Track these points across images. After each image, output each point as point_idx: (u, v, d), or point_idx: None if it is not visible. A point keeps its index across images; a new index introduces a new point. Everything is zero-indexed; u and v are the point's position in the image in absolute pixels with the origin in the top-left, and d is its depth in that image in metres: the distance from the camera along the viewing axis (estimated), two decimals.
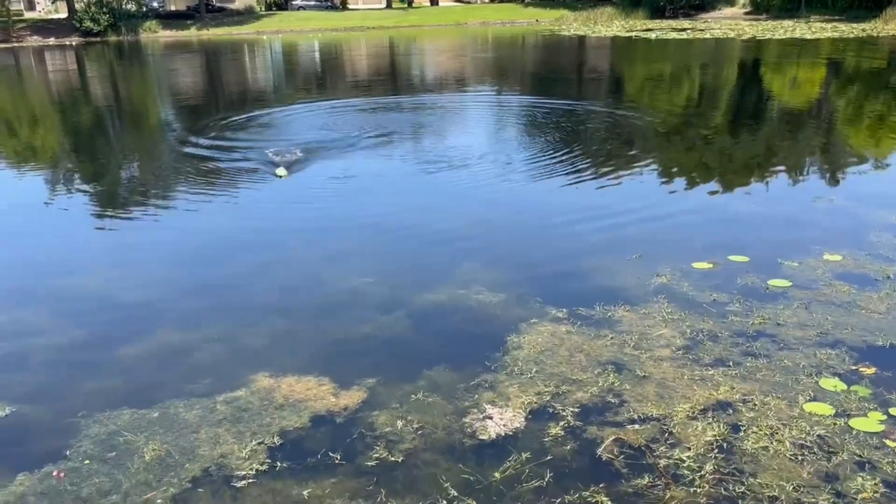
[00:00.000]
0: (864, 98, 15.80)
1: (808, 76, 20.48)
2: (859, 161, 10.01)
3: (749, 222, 7.11)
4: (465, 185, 8.74)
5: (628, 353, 4.46)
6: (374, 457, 3.59)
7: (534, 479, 3.38)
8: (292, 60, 33.55)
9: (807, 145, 10.97)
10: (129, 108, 18.58)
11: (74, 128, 15.53)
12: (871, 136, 11.85)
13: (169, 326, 5.14)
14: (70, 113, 17.93)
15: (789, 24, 37.58)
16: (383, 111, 15.13)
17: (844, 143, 11.27)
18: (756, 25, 38.93)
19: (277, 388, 4.23)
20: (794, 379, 4.10)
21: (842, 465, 3.38)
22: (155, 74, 27.91)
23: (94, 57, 36.86)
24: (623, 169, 9.23)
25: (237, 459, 3.60)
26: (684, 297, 5.25)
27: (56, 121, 16.59)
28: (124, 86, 24.21)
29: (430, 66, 27.77)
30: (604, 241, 6.68)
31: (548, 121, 13.13)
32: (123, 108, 18.41)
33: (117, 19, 48.36)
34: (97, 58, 36.46)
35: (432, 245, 6.72)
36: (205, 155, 10.88)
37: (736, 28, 37.39)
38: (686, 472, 3.37)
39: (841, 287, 5.28)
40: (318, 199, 8.23)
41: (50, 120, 16.77)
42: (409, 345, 4.84)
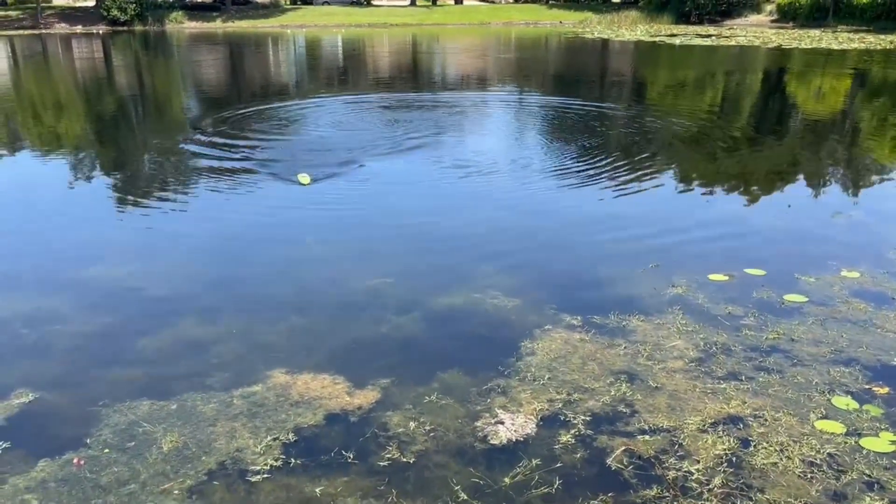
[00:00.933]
0: (889, 111, 15.65)
1: (833, 87, 20.30)
2: (882, 176, 9.93)
3: (767, 235, 7.10)
4: (484, 188, 8.78)
5: (641, 364, 4.49)
6: (386, 457, 3.65)
7: (543, 485, 3.42)
8: (315, 55, 33.72)
9: (829, 158, 10.90)
10: (153, 99, 18.78)
11: (99, 116, 15.74)
12: (894, 150, 11.74)
13: (189, 319, 5.23)
14: (95, 101, 18.16)
15: (816, 34, 37.22)
16: (404, 110, 15.19)
17: (867, 157, 11.19)
18: (782, 34, 38.60)
19: (293, 384, 4.30)
20: (807, 396, 4.11)
21: (851, 484, 3.39)
22: (180, 65, 28.17)
23: (121, 46, 37.27)
24: (643, 177, 9.22)
25: (252, 454, 3.67)
26: (699, 308, 5.27)
27: (80, 109, 16.81)
28: (149, 76, 24.47)
29: (453, 66, 27.81)
30: (621, 249, 6.70)
31: (568, 125, 13.14)
32: (148, 98, 18.62)
33: (144, 9, 48.86)
34: (123, 47, 36.86)
35: (450, 248, 6.77)
36: (228, 149, 11.00)
37: (762, 36, 37.09)
38: (694, 485, 3.40)
39: (857, 304, 5.28)
40: (339, 199, 8.29)
41: (75, 108, 17.00)
42: (423, 347, 4.90)
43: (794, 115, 15.33)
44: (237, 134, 12.16)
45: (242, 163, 10.08)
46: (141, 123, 14.56)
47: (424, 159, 10.46)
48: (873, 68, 23.76)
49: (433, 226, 7.42)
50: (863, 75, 22.29)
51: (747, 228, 7.41)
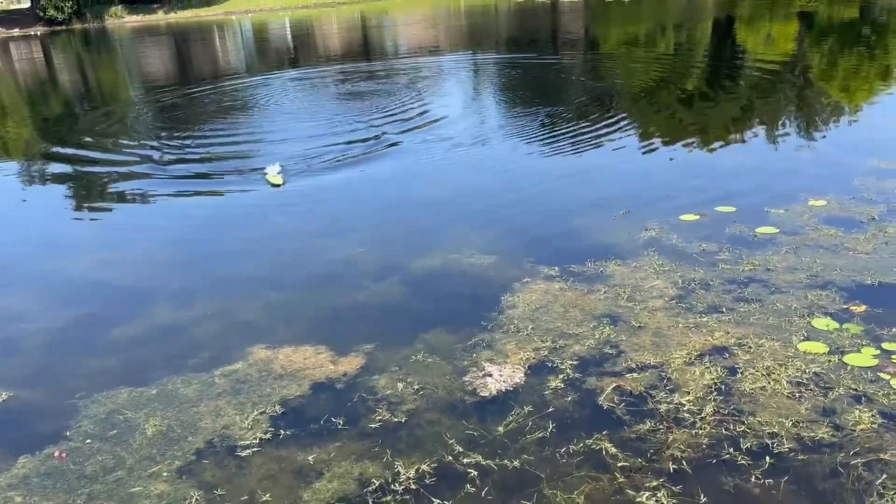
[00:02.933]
0: (837, 50, 15.86)
1: (781, 31, 20.50)
2: (837, 111, 10.07)
3: (734, 174, 7.15)
4: (449, 151, 8.68)
5: (622, 306, 4.49)
6: (376, 419, 3.60)
7: (537, 430, 3.40)
8: (264, 39, 33.06)
9: (785, 98, 11.01)
10: (99, 95, 18.25)
11: (44, 117, 15.24)
12: (846, 86, 11.91)
13: (162, 305, 5.10)
14: (39, 103, 17.59)
15: None
16: (360, 81, 14.96)
17: (822, 95, 11.33)
18: None
19: (275, 358, 4.22)
20: (787, 321, 4.15)
21: (839, 399, 3.43)
22: (123, 60, 27.40)
23: (60, 46, 36.16)
24: (604, 130, 9.20)
25: (240, 430, 3.60)
26: (674, 248, 5.28)
27: (25, 112, 16.27)
28: (93, 73, 23.77)
29: (405, 37, 27.48)
30: (591, 199, 6.70)
31: (525, 85, 13.07)
32: (93, 96, 18.09)
33: (81, 6, 47.43)
34: (63, 47, 35.76)
35: (421, 212, 6.70)
36: (177, 138, 10.73)
37: None
38: (686, 415, 3.42)
39: (827, 231, 5.34)
40: (304, 173, 8.13)
41: (19, 111, 16.45)
42: (404, 310, 4.84)
43: (747, 61, 15.44)
44: (192, 126, 11.86)
45: (200, 149, 9.84)
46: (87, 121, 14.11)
47: (382, 127, 10.27)
48: (818, 10, 24.04)
49: (402, 192, 7.33)
50: (810, 17, 22.55)
51: (714, 170, 7.46)
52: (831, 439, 3.18)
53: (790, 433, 3.23)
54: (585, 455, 3.22)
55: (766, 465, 3.05)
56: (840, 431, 3.22)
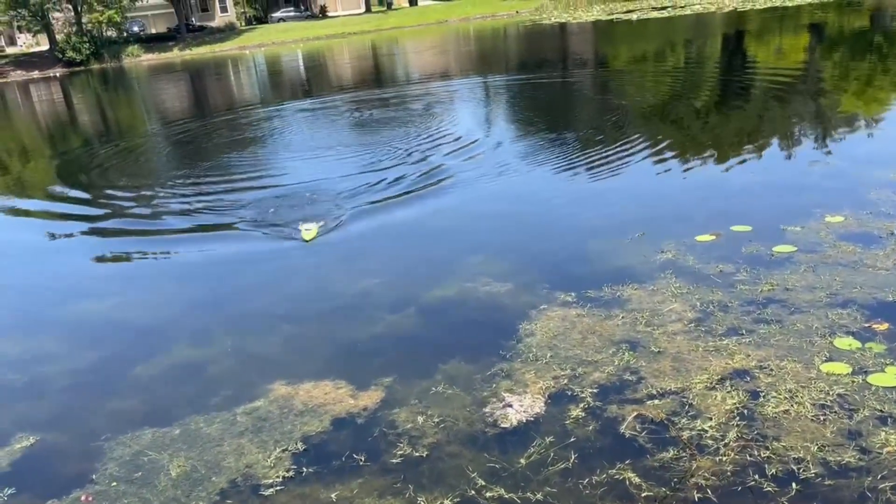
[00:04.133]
0: (849, 60, 15.81)
1: (791, 44, 20.49)
2: (851, 123, 10.01)
3: (748, 192, 7.12)
4: (461, 177, 8.72)
5: (641, 331, 4.48)
6: (398, 454, 3.60)
7: (559, 461, 3.39)
8: (277, 72, 33.53)
9: (798, 112, 10.98)
10: (117, 134, 18.56)
11: (64, 158, 15.51)
12: (859, 97, 11.86)
13: (181, 344, 5.15)
14: (60, 143, 17.92)
15: None
16: (370, 108, 15.12)
17: (834, 107, 11.28)
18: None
19: (295, 395, 4.24)
20: (809, 341, 4.11)
21: (864, 421, 3.39)
22: (141, 98, 27.90)
23: (79, 86, 36.88)
24: (616, 150, 9.22)
25: (263, 468, 3.61)
26: (691, 270, 5.26)
27: (46, 152, 16.57)
28: (111, 112, 24.22)
29: (416, 64, 27.77)
30: (605, 222, 6.70)
31: (537, 106, 13.14)
32: (112, 135, 18.40)
33: (99, 47, 48.45)
34: (82, 87, 36.48)
35: (435, 241, 6.74)
36: (198, 175, 10.88)
37: (716, 2, 37.31)
38: (710, 441, 3.39)
39: (846, 247, 5.29)
40: (315, 204, 8.20)
41: (41, 152, 16.76)
42: (422, 341, 4.85)
43: (758, 75, 15.42)
44: (205, 162, 12.03)
45: (214, 186, 9.96)
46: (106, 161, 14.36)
47: (395, 153, 10.34)
48: (828, 21, 24.01)
49: (415, 222, 7.36)
50: (819, 29, 22.51)
51: (728, 188, 7.43)
52: (858, 463, 3.13)
53: (816, 458, 3.19)
54: (609, 485, 3.20)
55: (792, 492, 3.02)
56: (867, 454, 3.18)
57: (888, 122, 9.72)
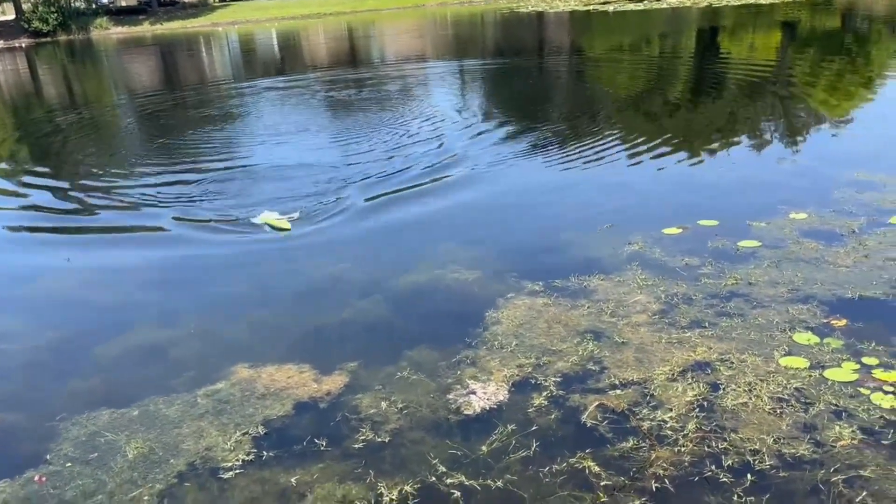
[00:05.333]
0: (819, 59, 16.03)
1: (764, 41, 20.72)
2: (818, 122, 10.17)
3: (716, 187, 7.21)
4: (429, 165, 8.68)
5: (606, 321, 4.51)
6: (360, 439, 3.59)
7: (521, 449, 3.40)
8: (251, 50, 33.04)
9: (768, 109, 11.11)
10: (85, 109, 18.15)
11: (29, 131, 15.13)
12: (828, 96, 12.04)
13: (144, 325, 5.08)
14: (23, 116, 17.47)
15: None
16: (345, 91, 14.98)
17: (803, 105, 11.44)
18: None
19: (258, 378, 4.20)
20: (769, 335, 4.17)
21: (819, 415, 3.46)
22: (110, 73, 27.31)
23: (46, 58, 35.96)
24: (589, 141, 9.25)
25: (222, 451, 3.57)
26: (657, 262, 5.31)
27: (8, 124, 16.15)
28: (78, 86, 23.67)
29: (390, 47, 27.55)
30: (575, 213, 6.73)
31: (512, 96, 13.12)
32: (80, 109, 17.99)
33: (66, 18, 47.21)
34: (48, 59, 35.57)
35: (405, 228, 6.69)
36: (167, 151, 10.70)
37: None
38: (669, 432, 3.43)
39: (808, 244, 5.38)
40: (287, 186, 8.11)
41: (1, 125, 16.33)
42: (388, 327, 4.83)
43: (730, 71, 15.56)
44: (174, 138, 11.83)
45: (185, 162, 9.80)
46: (73, 136, 14.03)
47: (366, 138, 10.27)
48: (801, 19, 24.31)
49: (385, 208, 7.31)
50: (791, 27, 22.79)
51: (697, 182, 7.51)
52: (812, 456, 3.19)
53: (772, 450, 3.25)
54: (569, 474, 3.23)
55: (747, 483, 3.07)
56: (821, 448, 3.24)
57: (854, 123, 9.88)
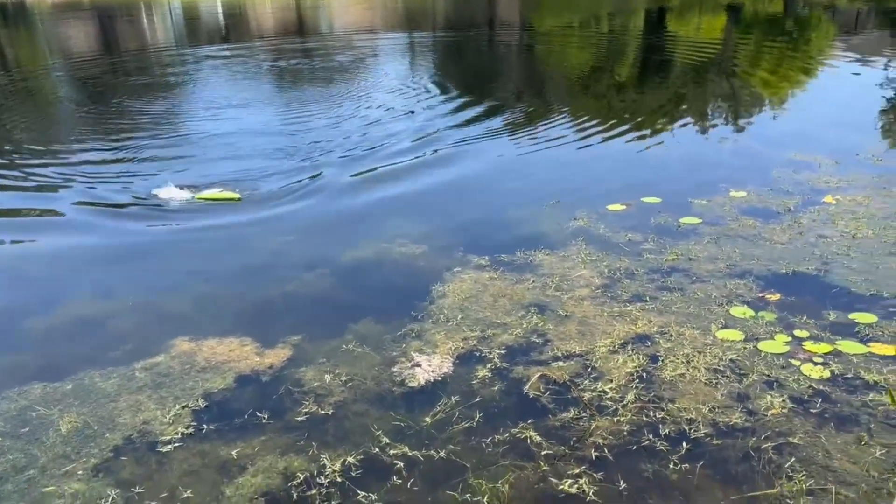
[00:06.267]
0: (761, 42, 16.40)
1: (710, 23, 21.08)
2: (759, 103, 10.43)
3: (660, 165, 7.33)
4: (376, 139, 8.61)
5: (550, 295, 4.56)
6: (303, 412, 3.56)
7: (464, 420, 3.43)
8: (194, 18, 32.06)
9: (712, 90, 11.34)
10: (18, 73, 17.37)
11: None
12: (769, 79, 12.34)
13: (80, 298, 4.92)
14: None
15: None
16: (293, 62, 14.69)
17: (746, 87, 11.70)
18: None
19: (199, 351, 4.12)
20: (707, 309, 4.28)
21: (752, 385, 3.57)
22: (45, 38, 26.16)
23: None
24: (537, 119, 9.31)
25: (161, 425, 3.50)
26: (601, 238, 5.38)
27: None
28: (11, 51, 22.60)
29: (340, 18, 27.09)
30: (521, 189, 6.76)
31: (461, 71, 13.07)
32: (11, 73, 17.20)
33: None
34: None
35: (352, 202, 6.63)
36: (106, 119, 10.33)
37: None
38: (609, 402, 3.50)
39: (746, 221, 5.53)
40: (233, 158, 7.94)
41: None
42: (334, 300, 4.79)
43: (677, 52, 15.80)
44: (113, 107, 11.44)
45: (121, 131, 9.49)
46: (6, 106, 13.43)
47: (317, 112, 10.13)
48: (745, 3, 24.79)
49: (333, 182, 7.22)
50: (736, 10, 23.23)
51: (641, 161, 7.62)
52: (745, 424, 3.30)
53: (706, 419, 3.34)
54: (511, 444, 3.26)
55: (683, 451, 3.15)
56: (753, 416, 3.35)
57: (793, 104, 10.18)
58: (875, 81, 11.43)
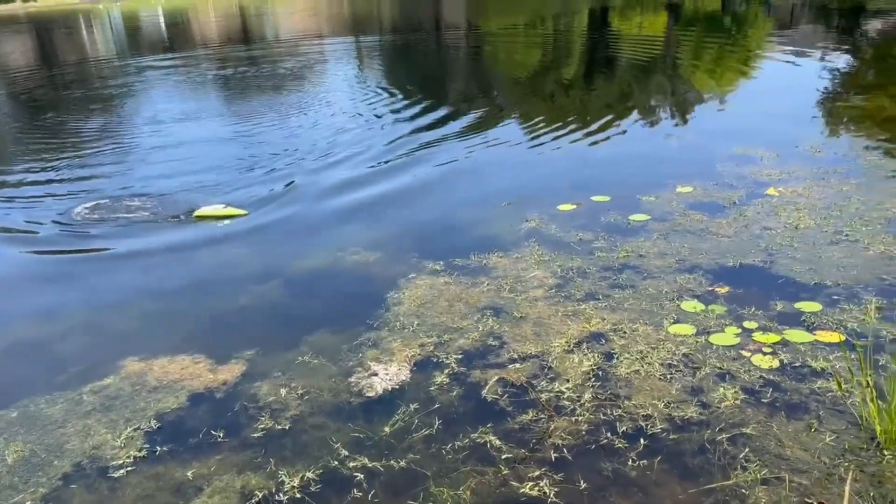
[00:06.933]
0: (702, 39, 16.78)
1: (652, 22, 21.48)
2: (702, 99, 10.66)
3: (608, 163, 7.43)
4: (325, 145, 8.54)
5: (505, 297, 4.57)
6: (259, 428, 3.49)
7: (423, 428, 3.41)
8: (135, 28, 31.38)
9: (656, 87, 11.55)
10: None
11: None
12: (711, 75, 12.63)
13: (20, 321, 4.76)
14: None
15: None
16: (237, 70, 14.48)
17: (689, 83, 11.95)
18: None
19: (149, 370, 4.02)
20: (658, 304, 4.35)
21: (705, 378, 3.63)
22: None
23: None
24: (486, 121, 9.35)
25: (112, 449, 3.40)
26: (553, 238, 5.43)
27: None
28: None
29: (284, 25, 26.82)
30: (473, 192, 6.78)
31: (410, 75, 13.05)
32: None
33: None
34: None
35: (302, 213, 6.54)
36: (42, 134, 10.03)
37: None
38: (567, 402, 3.52)
39: (694, 216, 5.64)
40: (176, 173, 7.78)
41: None
42: (287, 312, 4.73)
43: (621, 50, 16.06)
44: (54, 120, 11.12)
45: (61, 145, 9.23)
46: None
47: (265, 122, 10.01)
48: (684, 1, 25.34)
49: (282, 191, 7.13)
50: (676, 8, 23.73)
51: (590, 159, 7.71)
52: (699, 417, 3.35)
53: (662, 414, 3.39)
54: (471, 449, 3.26)
55: (641, 447, 3.19)
56: (707, 409, 3.40)
57: (735, 99, 10.43)
58: (811, 74, 11.79)
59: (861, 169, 6.58)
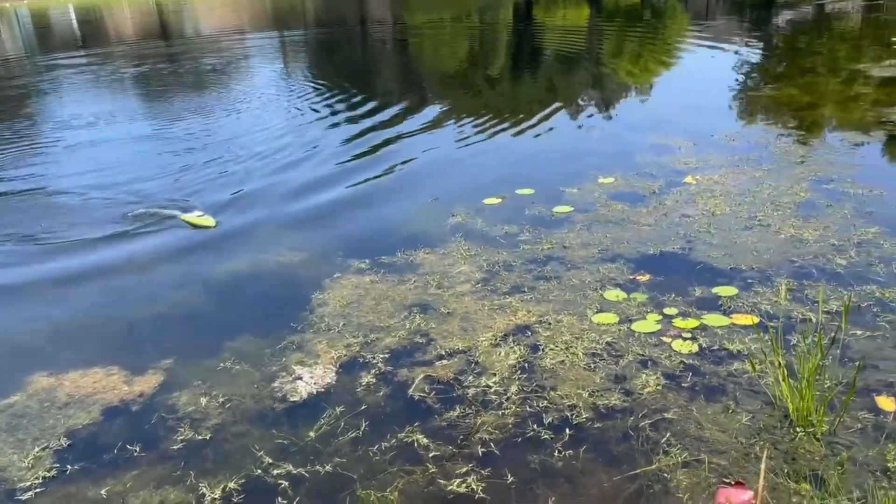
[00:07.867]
0: (624, 33, 17.13)
1: (574, 15, 21.82)
2: (624, 91, 10.89)
3: (532, 157, 7.50)
4: (247, 146, 8.35)
5: (432, 293, 4.54)
6: (178, 440, 3.36)
7: (350, 430, 3.35)
8: (45, 26, 30.01)
9: (579, 80, 11.72)
10: None
11: None
12: (631, 67, 12.91)
13: None
14: None
15: None
16: (155, 68, 14.01)
17: (611, 76, 12.18)
18: None
19: (59, 386, 3.82)
20: (582, 294, 4.40)
21: (628, 365, 3.69)
22: None
23: None
24: (412, 117, 9.30)
25: (18, 470, 3.22)
26: (479, 232, 5.43)
27: None
28: None
29: (205, 21, 26.10)
30: (399, 189, 6.73)
31: (336, 71, 12.89)
32: None
33: None
34: None
35: (224, 215, 6.36)
36: None
37: None
38: (493, 396, 3.51)
39: (615, 206, 5.74)
40: (90, 176, 7.46)
41: None
42: (208, 318, 4.58)
43: (546, 44, 16.25)
44: None
45: None
46: None
47: (185, 123, 9.71)
48: None
49: (201, 189, 6.92)
50: (597, 2, 24.17)
51: (514, 153, 7.76)
52: (623, 405, 3.40)
53: (587, 403, 3.42)
54: (398, 450, 3.21)
55: (566, 438, 3.21)
56: (630, 396, 3.46)
57: (654, 91, 10.69)
58: (726, 65, 12.19)
59: (773, 156, 6.83)
